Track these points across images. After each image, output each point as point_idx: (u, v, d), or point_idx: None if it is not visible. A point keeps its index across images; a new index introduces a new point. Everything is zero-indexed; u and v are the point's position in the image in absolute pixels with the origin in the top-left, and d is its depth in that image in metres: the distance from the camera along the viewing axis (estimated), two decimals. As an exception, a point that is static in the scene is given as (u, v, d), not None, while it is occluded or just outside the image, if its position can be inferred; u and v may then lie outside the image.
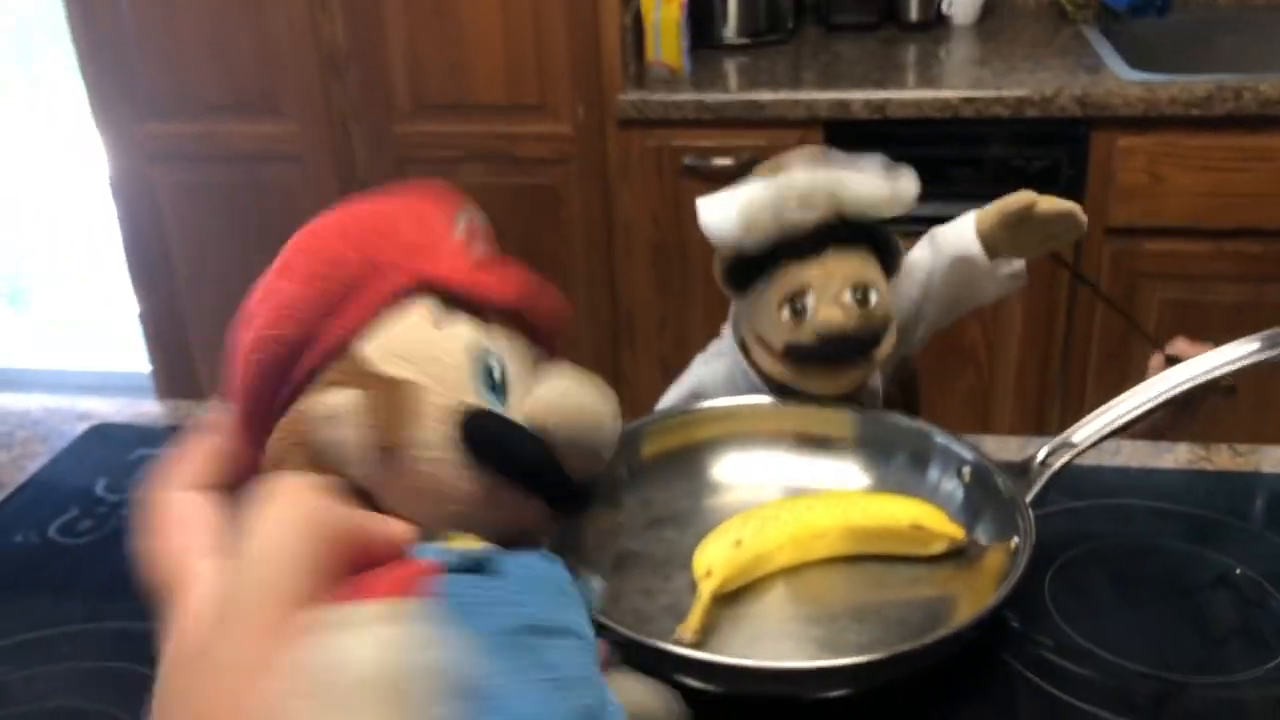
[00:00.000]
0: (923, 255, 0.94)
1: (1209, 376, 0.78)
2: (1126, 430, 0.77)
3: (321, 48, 2.02)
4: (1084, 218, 0.89)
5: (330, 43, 2.02)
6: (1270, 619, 0.74)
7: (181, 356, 2.33)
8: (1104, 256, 1.86)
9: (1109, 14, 2.17)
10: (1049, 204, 0.88)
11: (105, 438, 1.00)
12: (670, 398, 0.99)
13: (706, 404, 0.86)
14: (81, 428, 1.01)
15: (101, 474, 0.94)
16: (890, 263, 0.85)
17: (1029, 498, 0.74)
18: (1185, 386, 0.77)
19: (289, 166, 2.12)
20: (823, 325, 0.80)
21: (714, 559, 0.73)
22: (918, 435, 0.81)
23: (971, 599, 0.71)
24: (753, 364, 0.88)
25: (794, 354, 0.82)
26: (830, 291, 0.80)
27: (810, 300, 0.80)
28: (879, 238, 0.84)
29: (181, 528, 0.38)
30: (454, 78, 1.99)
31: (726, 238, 0.83)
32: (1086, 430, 0.77)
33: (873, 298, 0.81)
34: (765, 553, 0.74)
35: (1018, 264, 0.93)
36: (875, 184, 0.81)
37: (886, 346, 0.84)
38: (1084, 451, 0.77)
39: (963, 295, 0.93)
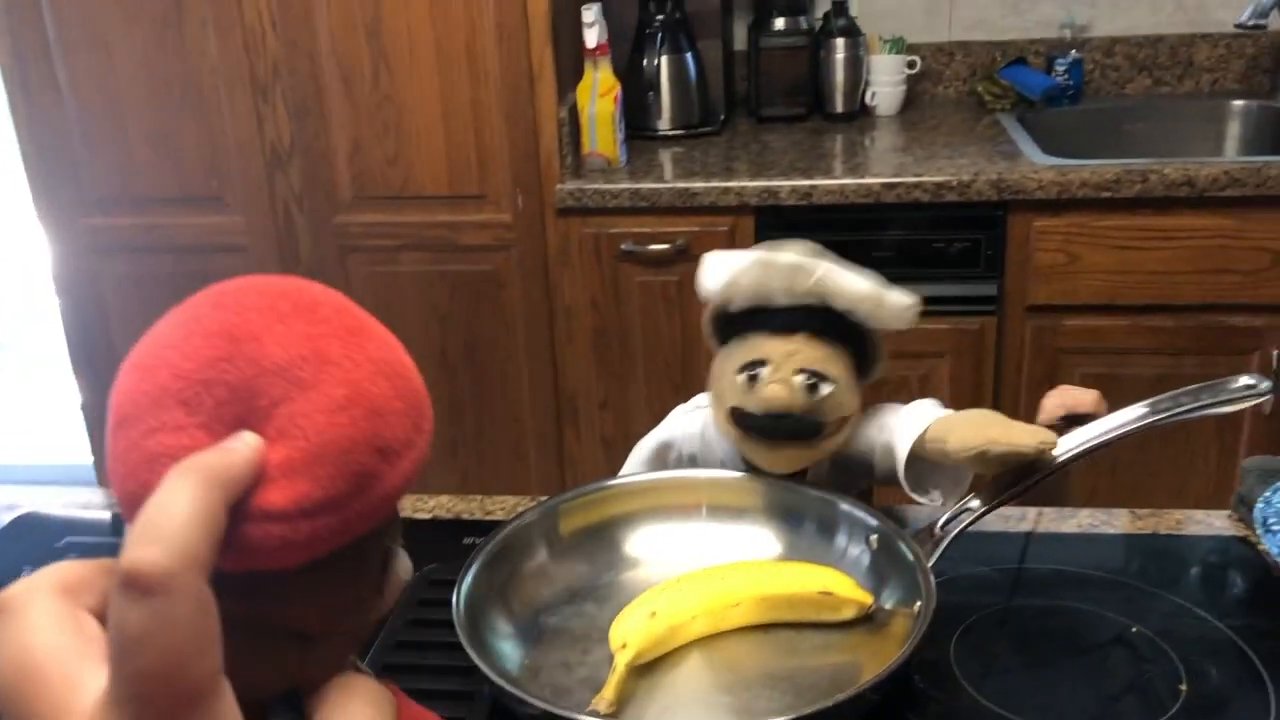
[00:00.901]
0: (892, 417, 0.93)
1: (1100, 441, 0.82)
2: (1019, 496, 0.81)
3: (265, 140, 2.07)
4: (1048, 449, 0.79)
5: (274, 135, 2.06)
6: (1163, 675, 0.77)
7: (123, 447, 2.32)
8: (1025, 334, 1.93)
9: (1025, 103, 2.28)
10: (1004, 446, 0.79)
11: (33, 526, 1.00)
12: (643, 447, 1.03)
13: (621, 480, 0.89)
14: (9, 517, 1.02)
15: (27, 562, 0.94)
16: (866, 368, 0.88)
17: (930, 562, 0.77)
18: (1073, 454, 0.81)
19: (234, 257, 2.15)
20: (765, 400, 0.84)
21: (629, 631, 0.75)
22: (824, 504, 0.84)
23: (879, 663, 0.74)
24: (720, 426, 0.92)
25: (736, 418, 0.87)
26: (784, 370, 0.84)
27: (765, 373, 0.85)
28: (859, 342, 0.87)
29: (64, 630, 0.31)
30: (396, 168, 2.04)
31: (707, 293, 0.90)
32: (985, 495, 0.80)
33: (824, 389, 0.84)
34: (680, 624, 0.77)
35: (941, 498, 0.89)
36: (863, 282, 0.86)
37: (834, 441, 0.87)
38: (982, 516, 0.80)
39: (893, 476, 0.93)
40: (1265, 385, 0.79)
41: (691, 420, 1.00)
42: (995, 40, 2.38)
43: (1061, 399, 1.03)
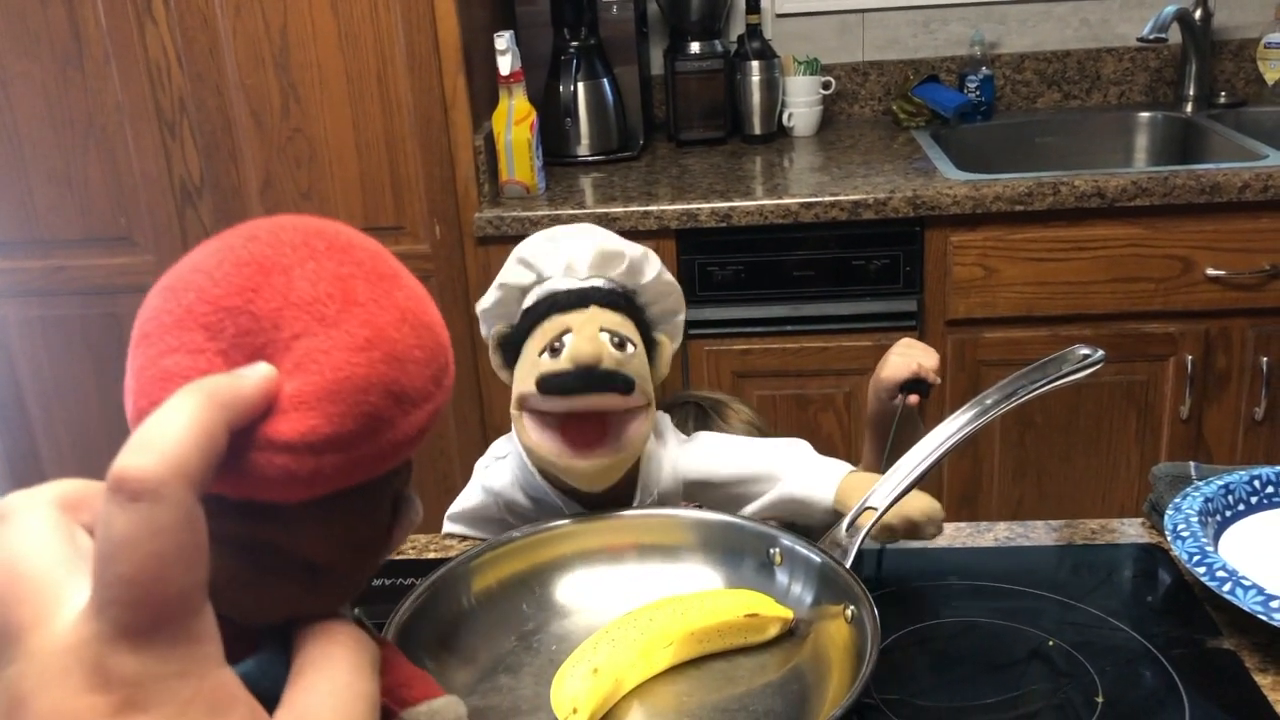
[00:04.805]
0: (778, 465, 0.94)
1: (971, 429, 0.82)
2: (916, 484, 0.80)
3: (174, 177, 2.02)
4: (934, 524, 0.85)
5: (183, 172, 2.02)
6: (1080, 688, 0.77)
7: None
8: (947, 348, 1.94)
9: (938, 120, 2.31)
10: (904, 523, 0.85)
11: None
12: (459, 516, 1.01)
13: (527, 530, 0.85)
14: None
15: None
16: (647, 338, 0.90)
17: (849, 563, 0.76)
18: (950, 444, 0.81)
19: (144, 298, 2.09)
20: (576, 353, 0.83)
21: (577, 693, 0.71)
22: (726, 526, 0.83)
23: (819, 672, 0.72)
24: (527, 449, 0.90)
25: (547, 385, 0.83)
26: (588, 331, 0.84)
27: (569, 339, 0.84)
28: (640, 313, 0.90)
29: (57, 541, 0.31)
30: (310, 202, 2.00)
31: (483, 310, 0.92)
32: (883, 491, 0.79)
33: (629, 348, 0.85)
34: (622, 675, 0.73)
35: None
36: (630, 243, 0.91)
37: (640, 427, 0.86)
38: (886, 511, 0.78)
39: (799, 515, 0.95)
40: (1099, 354, 0.85)
41: (500, 470, 0.97)
42: (907, 59, 2.41)
43: (907, 363, 1.12)
